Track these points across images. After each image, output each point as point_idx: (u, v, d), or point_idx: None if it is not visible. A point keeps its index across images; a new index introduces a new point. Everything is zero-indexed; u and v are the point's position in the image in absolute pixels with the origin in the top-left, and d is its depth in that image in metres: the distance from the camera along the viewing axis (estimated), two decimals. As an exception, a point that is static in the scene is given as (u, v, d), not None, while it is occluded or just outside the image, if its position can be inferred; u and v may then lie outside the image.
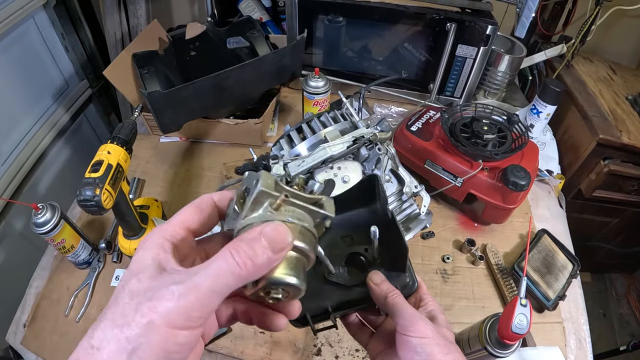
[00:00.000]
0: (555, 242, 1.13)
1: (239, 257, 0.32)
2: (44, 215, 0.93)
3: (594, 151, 1.47)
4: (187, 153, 1.39)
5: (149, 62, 1.27)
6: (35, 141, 1.53)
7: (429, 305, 0.50)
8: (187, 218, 0.38)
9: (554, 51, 1.62)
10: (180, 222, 0.37)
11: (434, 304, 0.51)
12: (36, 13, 1.50)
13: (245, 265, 0.32)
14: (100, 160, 0.83)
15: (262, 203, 0.35)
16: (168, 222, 0.37)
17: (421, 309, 0.50)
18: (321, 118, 0.92)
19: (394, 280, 0.49)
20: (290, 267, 0.35)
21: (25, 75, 1.48)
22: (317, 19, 1.37)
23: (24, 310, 1.04)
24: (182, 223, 0.37)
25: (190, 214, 0.38)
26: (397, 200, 0.90)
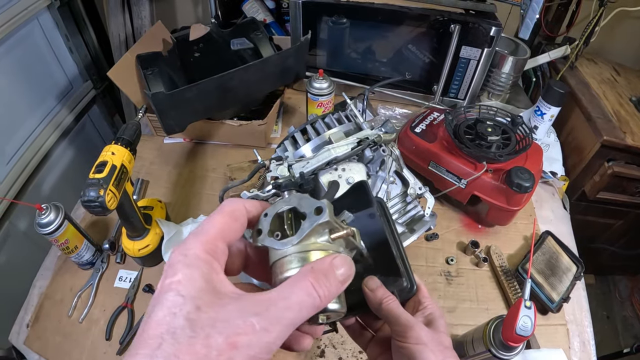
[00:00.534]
0: (559, 244, 1.13)
1: (321, 290, 0.31)
2: (47, 216, 0.93)
3: (598, 153, 1.46)
4: (191, 154, 1.39)
5: (153, 64, 1.28)
6: (39, 142, 1.53)
7: (427, 309, 0.49)
8: (224, 228, 0.35)
9: (557, 52, 1.62)
10: (219, 233, 0.35)
11: (433, 307, 0.49)
12: (40, 14, 1.51)
13: (325, 297, 0.31)
14: (105, 161, 0.84)
15: (320, 231, 0.35)
16: (205, 232, 0.34)
17: (419, 313, 0.49)
18: (325, 119, 0.92)
19: (391, 284, 0.47)
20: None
21: (30, 76, 1.49)
22: (321, 21, 1.37)
23: (27, 310, 1.05)
24: (221, 234, 0.35)
25: (226, 223, 0.36)
26: (401, 202, 0.90)
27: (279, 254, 0.35)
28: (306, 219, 0.35)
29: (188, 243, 0.33)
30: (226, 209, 0.36)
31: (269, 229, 0.36)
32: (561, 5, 1.67)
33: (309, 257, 0.34)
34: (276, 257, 0.35)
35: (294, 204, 0.37)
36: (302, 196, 0.37)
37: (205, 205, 1.23)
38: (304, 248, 0.34)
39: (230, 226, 0.36)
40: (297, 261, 0.34)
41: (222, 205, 0.37)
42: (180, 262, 0.31)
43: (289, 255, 0.35)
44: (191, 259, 0.31)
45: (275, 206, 0.38)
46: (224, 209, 0.36)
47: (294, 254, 0.34)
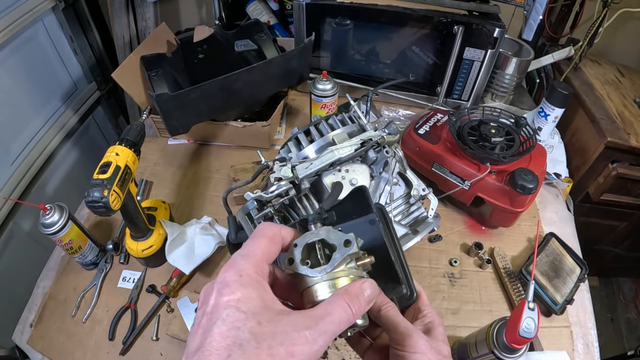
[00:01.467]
0: (563, 245, 1.12)
1: (354, 308, 0.37)
2: (51, 216, 0.94)
3: (602, 154, 1.46)
4: (194, 155, 1.40)
5: (157, 65, 1.28)
6: (43, 142, 1.54)
7: (427, 317, 0.50)
8: (267, 251, 0.40)
9: (561, 54, 1.62)
10: (264, 256, 0.39)
11: (432, 315, 0.50)
12: (45, 16, 1.51)
13: (356, 314, 0.37)
14: (109, 161, 0.84)
15: (347, 260, 0.41)
16: (253, 254, 0.39)
17: (418, 321, 0.50)
18: (329, 121, 0.92)
19: (390, 291, 0.48)
20: None
21: (34, 77, 1.49)
22: (325, 22, 1.37)
23: (31, 310, 1.05)
24: (265, 256, 0.39)
25: (268, 247, 0.40)
26: (404, 203, 0.90)
27: (313, 280, 0.40)
28: (336, 250, 0.41)
29: (240, 264, 0.37)
30: (268, 233, 0.41)
31: (300, 258, 0.41)
32: (565, 6, 1.66)
33: (338, 283, 0.40)
34: (310, 283, 0.40)
35: (323, 236, 0.42)
36: (329, 229, 0.43)
37: (208, 206, 1.24)
38: (334, 275, 0.40)
39: (271, 250, 0.40)
40: (328, 286, 0.39)
41: (262, 228, 0.42)
42: (236, 281, 0.35)
43: (322, 282, 0.40)
44: (246, 279, 0.36)
45: (304, 237, 0.43)
46: (266, 232, 0.41)
47: (327, 280, 0.40)
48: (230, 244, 0.90)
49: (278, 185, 0.78)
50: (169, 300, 1.03)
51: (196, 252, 1.04)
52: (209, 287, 0.38)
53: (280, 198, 0.80)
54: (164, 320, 1.00)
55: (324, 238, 0.42)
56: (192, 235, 1.07)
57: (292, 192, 0.79)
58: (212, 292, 0.35)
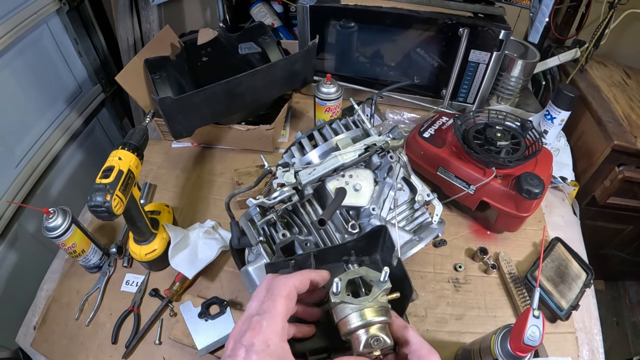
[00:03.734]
0: (569, 250, 1.11)
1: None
2: (55, 220, 0.94)
3: (609, 157, 1.45)
4: (198, 159, 1.39)
5: (161, 68, 1.28)
6: (48, 145, 1.54)
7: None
8: (287, 311, 0.47)
9: (567, 56, 1.61)
10: (285, 316, 0.47)
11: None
12: (49, 18, 1.52)
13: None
14: (111, 166, 0.84)
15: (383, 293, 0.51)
16: (275, 318, 0.46)
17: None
18: (333, 125, 0.91)
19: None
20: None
21: (39, 79, 1.50)
22: (329, 25, 1.37)
23: (34, 313, 1.05)
24: (286, 316, 0.47)
25: (288, 306, 0.48)
26: (409, 209, 0.89)
27: (351, 309, 0.50)
28: (375, 284, 0.52)
29: (266, 332, 0.44)
30: (283, 293, 0.48)
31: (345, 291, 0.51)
32: (571, 7, 1.65)
33: (366, 313, 0.49)
34: (345, 313, 0.50)
35: (362, 274, 0.54)
36: (367, 268, 0.54)
37: (212, 210, 1.23)
38: (364, 306, 0.50)
39: (289, 307, 0.48)
40: (359, 316, 0.49)
41: (277, 287, 0.49)
42: (264, 351, 0.42)
43: (354, 313, 0.49)
44: (273, 349, 0.43)
45: (347, 274, 0.53)
46: (282, 293, 0.48)
47: (357, 311, 0.49)
48: (233, 249, 0.90)
49: (281, 191, 0.77)
50: (172, 304, 1.02)
51: (199, 257, 1.04)
52: (236, 339, 0.45)
53: (283, 204, 0.79)
54: (166, 324, 1.00)
55: (363, 275, 0.53)
56: (196, 239, 1.07)
57: (295, 197, 0.79)
58: (241, 349, 0.43)
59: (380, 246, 0.63)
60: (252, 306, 0.49)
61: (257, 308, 0.48)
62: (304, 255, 0.58)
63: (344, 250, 0.62)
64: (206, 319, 0.96)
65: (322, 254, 0.60)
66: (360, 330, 0.49)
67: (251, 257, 0.86)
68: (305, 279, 0.52)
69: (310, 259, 0.58)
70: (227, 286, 1.06)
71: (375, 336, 0.48)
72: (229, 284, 1.07)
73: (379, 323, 0.49)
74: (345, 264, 0.61)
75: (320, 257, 0.60)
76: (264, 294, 0.49)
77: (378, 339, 0.48)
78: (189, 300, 1.01)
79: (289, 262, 0.58)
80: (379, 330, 0.49)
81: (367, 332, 0.49)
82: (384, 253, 0.63)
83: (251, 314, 0.47)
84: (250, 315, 0.47)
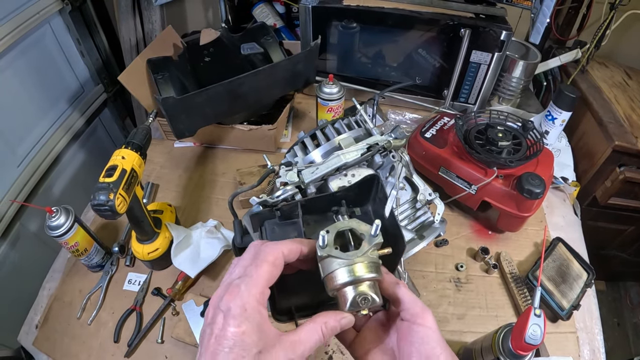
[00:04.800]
0: (570, 250, 1.11)
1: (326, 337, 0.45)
2: (57, 219, 0.94)
3: (610, 158, 1.45)
4: (200, 158, 1.40)
5: (164, 68, 1.29)
6: (50, 144, 1.55)
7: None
8: (270, 277, 0.44)
9: (568, 56, 1.61)
10: (267, 282, 0.43)
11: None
12: (52, 18, 1.52)
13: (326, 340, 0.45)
14: (115, 165, 0.84)
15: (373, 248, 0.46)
16: (256, 282, 0.43)
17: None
18: (335, 125, 0.92)
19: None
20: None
21: (41, 79, 1.50)
22: (331, 25, 1.37)
23: (36, 312, 1.06)
24: (268, 282, 0.44)
25: (272, 272, 0.44)
26: (410, 208, 0.90)
27: (338, 264, 0.45)
28: (365, 238, 0.47)
29: (244, 295, 0.41)
30: (270, 259, 0.44)
31: (332, 243, 0.46)
32: (572, 8, 1.65)
33: (355, 269, 0.45)
34: (333, 267, 0.45)
35: (352, 226, 0.48)
36: (357, 220, 0.49)
37: (214, 210, 1.24)
38: (353, 261, 0.45)
39: (273, 274, 0.44)
40: (347, 272, 0.44)
41: (264, 253, 0.45)
42: (241, 315, 0.40)
43: (342, 267, 0.45)
44: (250, 313, 0.40)
45: (336, 226, 0.48)
46: (268, 258, 0.44)
47: (346, 266, 0.45)
48: (235, 248, 0.90)
49: (284, 189, 0.78)
50: (174, 303, 1.03)
51: (202, 256, 1.04)
52: (215, 306, 0.42)
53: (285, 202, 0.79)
54: (169, 323, 1.00)
55: (354, 228, 0.48)
56: (198, 239, 1.07)
57: (298, 196, 0.79)
58: (219, 316, 0.41)
59: (372, 197, 0.59)
60: (234, 272, 0.45)
61: (239, 273, 0.44)
62: (291, 204, 0.55)
63: (334, 200, 0.57)
64: None
65: (310, 203, 0.56)
66: (347, 287, 0.45)
67: (254, 256, 0.86)
68: (295, 247, 0.47)
69: (297, 209, 0.55)
70: (229, 285, 1.07)
71: (363, 294, 0.44)
72: (231, 283, 1.07)
73: (369, 280, 0.45)
74: (335, 214, 0.56)
75: (308, 207, 0.56)
76: (249, 260, 0.45)
77: (366, 298, 0.45)
78: (191, 299, 1.01)
79: (275, 212, 0.55)
80: (368, 288, 0.45)
81: (356, 289, 0.45)
82: (375, 205, 0.59)
83: (232, 279, 0.44)
84: (231, 280, 0.44)
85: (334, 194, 0.58)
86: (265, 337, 0.41)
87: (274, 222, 0.57)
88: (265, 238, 0.56)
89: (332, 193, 0.59)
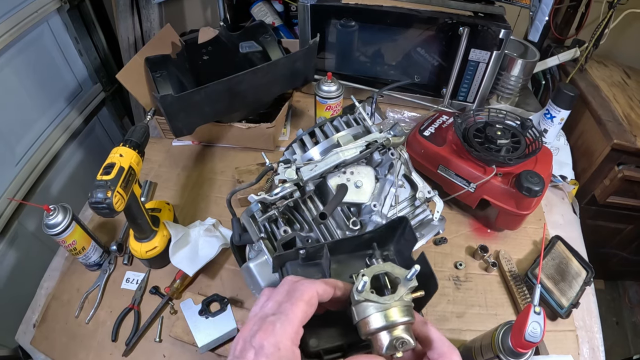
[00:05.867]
0: (569, 248, 1.11)
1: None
2: (55, 217, 0.94)
3: (608, 156, 1.45)
4: (199, 157, 1.40)
5: (162, 66, 1.28)
6: (48, 143, 1.54)
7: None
8: (305, 316, 0.44)
9: (567, 55, 1.61)
10: (302, 321, 0.43)
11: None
12: (50, 17, 1.52)
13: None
14: (112, 162, 0.84)
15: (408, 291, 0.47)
16: (291, 321, 0.42)
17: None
18: (334, 122, 0.91)
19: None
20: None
21: (40, 78, 1.50)
22: (330, 24, 1.37)
23: (34, 311, 1.05)
24: (302, 321, 0.43)
25: (306, 311, 0.44)
26: (409, 206, 0.89)
27: (378, 307, 0.46)
28: (401, 282, 0.48)
29: (278, 334, 0.41)
30: (306, 298, 0.45)
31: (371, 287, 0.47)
32: (570, 7, 1.65)
33: (390, 313, 0.45)
34: (368, 312, 0.46)
35: (387, 270, 0.49)
36: (392, 264, 0.50)
37: (213, 208, 1.23)
38: (389, 306, 0.46)
39: (308, 313, 0.44)
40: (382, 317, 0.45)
41: (300, 291, 0.45)
42: (274, 354, 0.40)
43: (377, 313, 0.45)
44: (283, 353, 0.40)
45: (372, 269, 0.49)
46: (304, 297, 0.45)
47: (381, 311, 0.45)
48: (234, 246, 0.90)
49: (282, 187, 0.77)
50: (173, 302, 1.02)
51: (200, 254, 1.04)
52: (246, 340, 0.42)
53: (284, 200, 0.79)
54: (167, 322, 1.00)
55: (389, 271, 0.49)
56: (196, 237, 1.07)
57: (297, 194, 0.79)
58: (250, 351, 0.41)
59: (396, 238, 0.60)
60: (268, 306, 0.46)
61: (273, 309, 0.44)
62: (317, 247, 0.55)
63: (360, 241, 0.58)
64: (207, 316, 0.96)
65: (337, 245, 0.57)
66: (383, 332, 0.45)
67: (252, 254, 0.86)
68: (330, 287, 0.48)
69: (323, 250, 0.54)
70: (227, 284, 1.06)
71: (400, 338, 0.45)
72: (230, 281, 1.07)
73: (404, 324, 0.46)
74: (369, 257, 0.57)
75: (333, 249, 0.56)
76: (283, 295, 0.46)
77: (404, 342, 0.45)
78: (190, 297, 1.00)
79: (299, 253, 0.55)
80: (403, 332, 0.46)
81: (391, 333, 0.45)
82: (399, 245, 0.60)
83: (266, 313, 0.44)
84: (264, 315, 0.44)
85: (361, 236, 0.58)
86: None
87: (296, 264, 0.57)
88: None
89: (359, 235, 0.58)
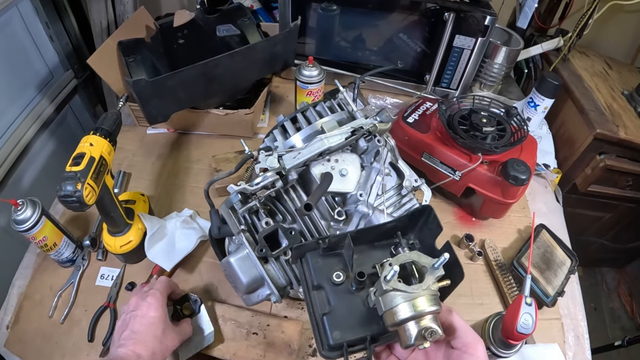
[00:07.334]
0: (553, 237, 1.11)
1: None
2: (23, 212, 0.88)
3: (590, 146, 1.45)
4: (174, 145, 1.35)
5: (136, 51, 1.22)
6: (18, 134, 1.47)
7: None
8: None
9: (550, 44, 1.60)
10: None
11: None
12: (20, 1, 1.44)
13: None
14: (82, 152, 0.79)
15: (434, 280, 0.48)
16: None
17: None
18: (317, 107, 0.88)
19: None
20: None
21: (8, 65, 1.43)
22: (310, 7, 1.33)
23: (6, 312, 0.99)
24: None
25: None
26: (396, 195, 0.87)
27: (406, 297, 0.46)
28: (427, 271, 0.48)
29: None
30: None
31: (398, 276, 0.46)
32: (555, -4, 1.65)
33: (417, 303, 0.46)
34: (396, 302, 0.46)
35: (414, 259, 0.49)
36: (418, 253, 0.50)
37: (189, 198, 1.19)
38: (416, 295, 0.46)
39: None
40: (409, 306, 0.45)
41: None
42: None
43: (405, 302, 0.45)
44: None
45: (398, 258, 0.49)
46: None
47: (409, 300, 0.46)
48: (213, 240, 0.86)
49: (264, 176, 0.74)
50: (150, 298, 0.98)
51: (177, 247, 1.00)
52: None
53: (266, 190, 0.76)
54: (144, 319, 0.96)
55: (416, 260, 0.49)
56: (173, 230, 1.03)
57: (279, 183, 0.75)
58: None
59: (419, 227, 0.60)
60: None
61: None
62: (340, 236, 0.55)
63: (382, 230, 0.58)
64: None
65: (360, 234, 0.56)
66: (411, 322, 0.46)
67: (232, 247, 0.83)
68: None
69: (345, 240, 0.55)
70: (206, 277, 1.03)
71: (429, 328, 0.45)
72: (209, 275, 1.03)
73: (432, 313, 0.46)
74: (394, 247, 0.57)
75: (356, 238, 0.55)
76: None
77: (433, 331, 0.45)
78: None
79: (319, 243, 0.55)
80: (431, 321, 0.46)
81: (419, 323, 0.45)
82: (422, 234, 0.60)
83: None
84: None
85: (384, 225, 0.58)
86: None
87: (317, 254, 0.56)
88: (306, 271, 0.57)
89: (382, 224, 0.59)
